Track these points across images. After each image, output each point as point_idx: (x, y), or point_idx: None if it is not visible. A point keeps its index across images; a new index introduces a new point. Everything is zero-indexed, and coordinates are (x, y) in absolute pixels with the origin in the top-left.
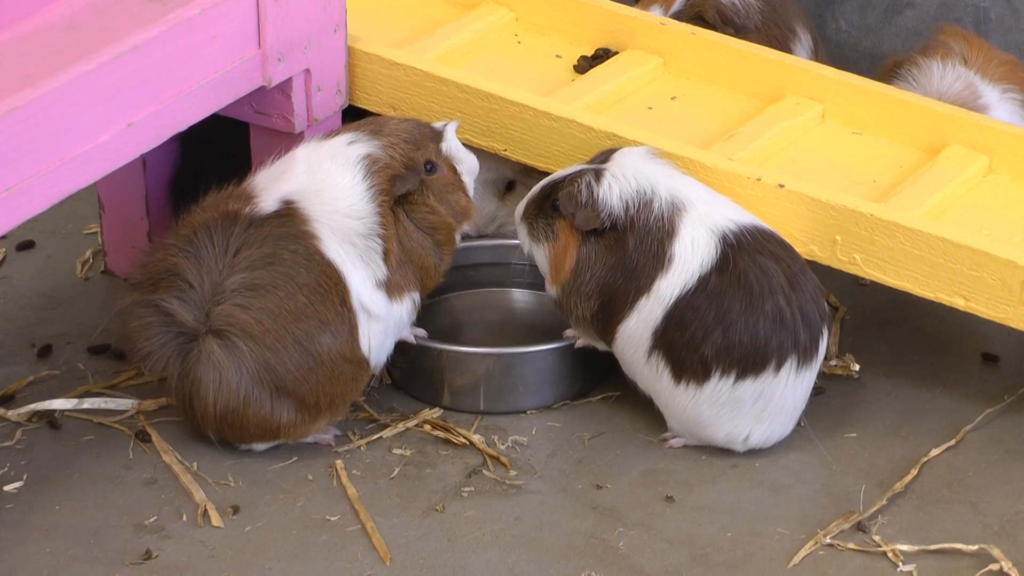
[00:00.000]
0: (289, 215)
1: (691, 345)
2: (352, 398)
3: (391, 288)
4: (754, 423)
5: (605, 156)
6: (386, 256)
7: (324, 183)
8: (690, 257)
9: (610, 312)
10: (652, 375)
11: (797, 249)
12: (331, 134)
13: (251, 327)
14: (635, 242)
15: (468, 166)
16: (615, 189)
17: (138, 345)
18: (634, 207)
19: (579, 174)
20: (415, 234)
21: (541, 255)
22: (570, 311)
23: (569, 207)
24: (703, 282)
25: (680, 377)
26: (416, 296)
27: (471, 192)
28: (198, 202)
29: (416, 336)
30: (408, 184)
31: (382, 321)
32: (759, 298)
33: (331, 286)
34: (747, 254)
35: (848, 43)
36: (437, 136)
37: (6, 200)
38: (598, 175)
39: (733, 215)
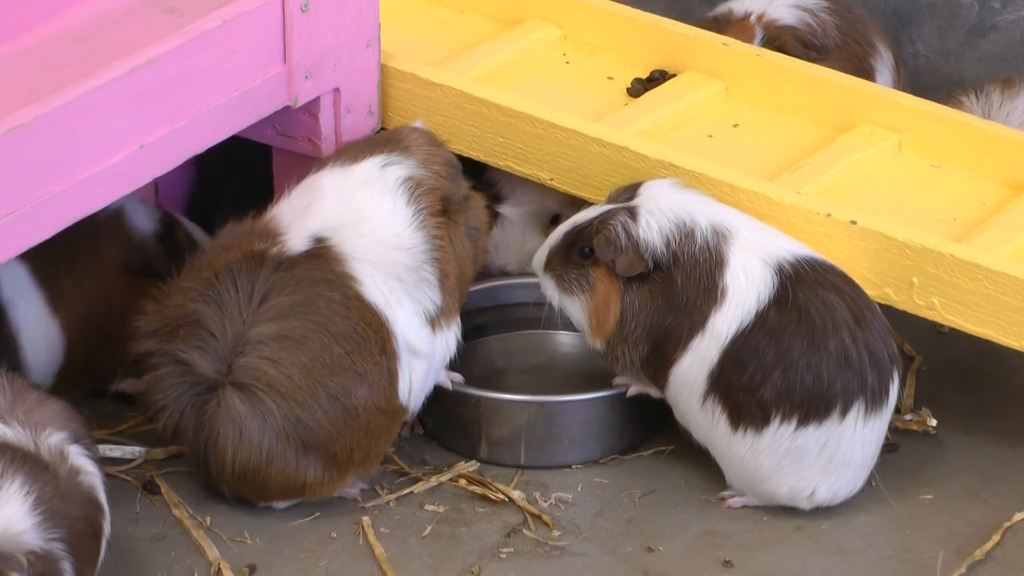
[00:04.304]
0: (322, 256)
1: (749, 388)
2: (384, 451)
3: (440, 316)
4: (820, 476)
5: (629, 193)
6: (443, 280)
7: (360, 213)
8: (745, 289)
9: (662, 354)
10: (707, 421)
11: (869, 292)
12: (345, 159)
13: (280, 383)
14: (683, 277)
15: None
16: (654, 226)
17: (152, 399)
18: (675, 240)
19: (610, 215)
20: (465, 243)
21: (577, 308)
22: (616, 359)
23: (608, 253)
24: (761, 317)
25: (738, 423)
26: (458, 322)
27: None
28: (215, 233)
29: (452, 381)
30: (459, 194)
31: (426, 358)
32: (822, 335)
33: (370, 334)
34: (807, 286)
35: (927, 68)
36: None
37: (8, 226)
38: (632, 213)
39: (784, 243)
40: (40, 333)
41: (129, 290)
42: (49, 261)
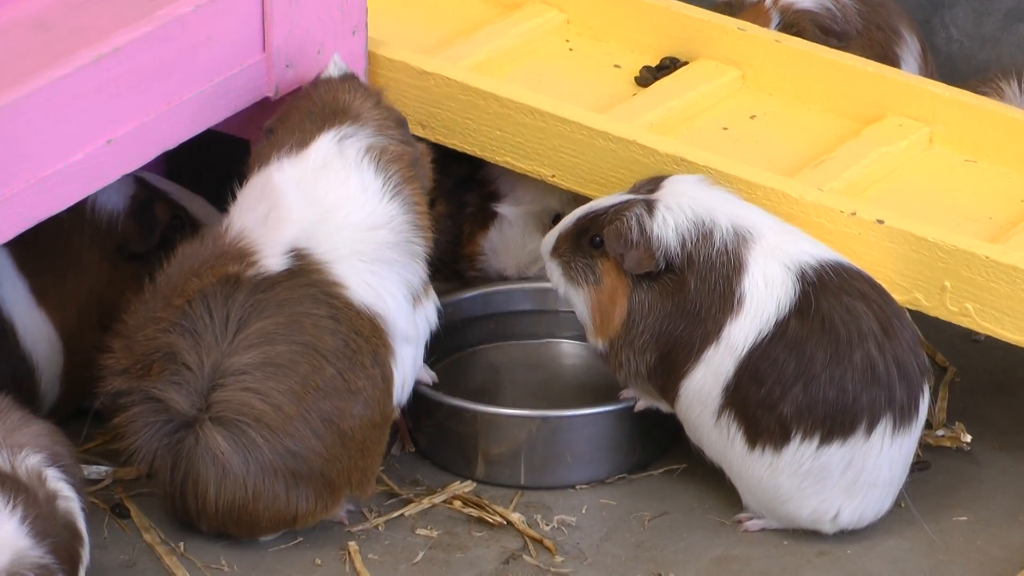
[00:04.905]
0: (302, 271)
1: (767, 403)
2: (379, 466)
3: (424, 289)
4: (844, 497)
5: (652, 185)
6: (426, 249)
7: (328, 202)
8: (764, 297)
9: (671, 365)
10: (722, 440)
11: (898, 297)
12: (292, 143)
13: (267, 416)
14: (696, 281)
15: None
16: (670, 222)
17: (125, 442)
18: (691, 240)
19: (626, 206)
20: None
21: (581, 301)
22: (620, 365)
23: (617, 247)
24: (780, 327)
25: (755, 441)
26: (434, 293)
27: None
28: (182, 243)
29: (432, 379)
30: (416, 153)
31: (414, 342)
32: (847, 346)
33: (362, 344)
34: (831, 294)
35: (960, 55)
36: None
37: None
38: (650, 207)
39: (809, 248)
40: (30, 321)
41: (118, 280)
42: (28, 249)
